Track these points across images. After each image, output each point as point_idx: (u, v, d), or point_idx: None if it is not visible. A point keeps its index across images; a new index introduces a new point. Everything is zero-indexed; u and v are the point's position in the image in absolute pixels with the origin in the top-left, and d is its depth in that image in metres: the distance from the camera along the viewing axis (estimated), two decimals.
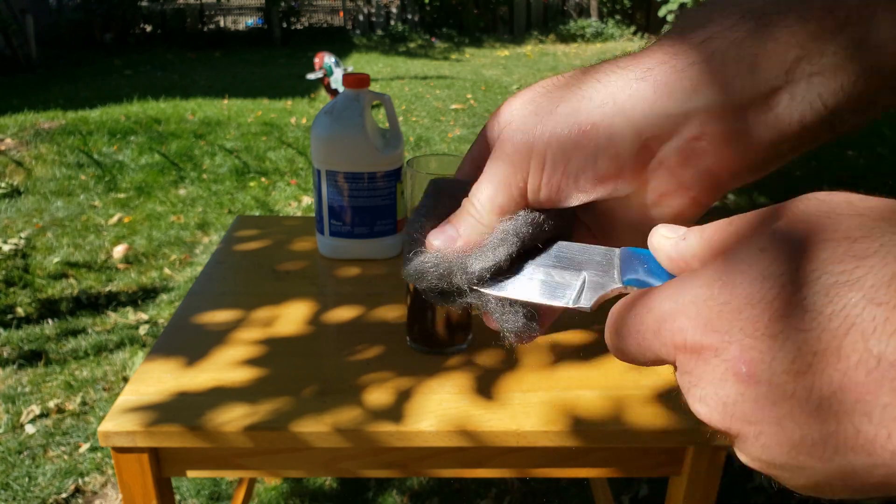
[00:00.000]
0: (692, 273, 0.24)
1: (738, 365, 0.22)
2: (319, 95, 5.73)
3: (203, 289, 0.94)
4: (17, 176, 3.56)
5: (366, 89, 0.97)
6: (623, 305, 0.27)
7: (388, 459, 0.71)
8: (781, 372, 0.21)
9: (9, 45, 6.91)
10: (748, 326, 0.22)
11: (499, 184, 0.32)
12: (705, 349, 0.23)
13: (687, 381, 0.24)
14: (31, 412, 1.77)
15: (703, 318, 0.23)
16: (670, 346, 0.24)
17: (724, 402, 0.22)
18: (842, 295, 0.20)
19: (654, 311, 0.25)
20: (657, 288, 0.26)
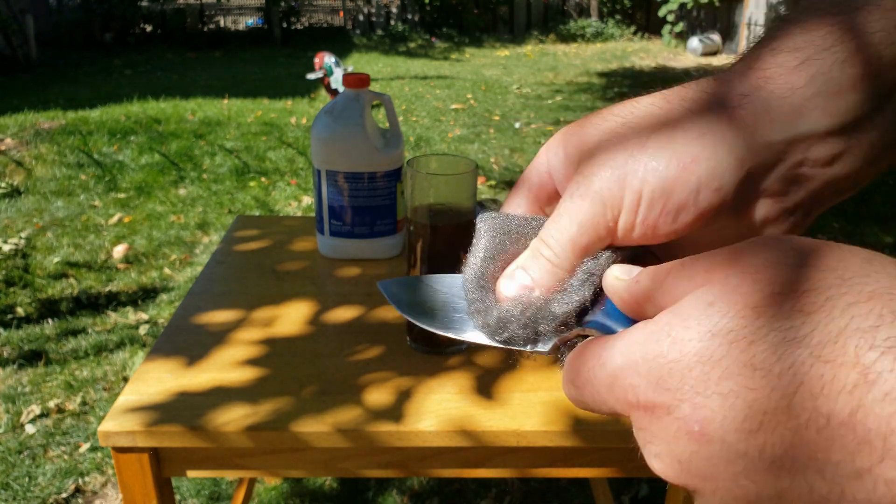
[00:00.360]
0: (643, 326, 0.24)
1: (691, 423, 0.22)
2: (319, 95, 5.73)
3: (203, 289, 0.94)
4: (17, 176, 3.56)
5: (366, 89, 0.97)
6: (577, 356, 0.27)
7: (388, 459, 0.71)
8: (733, 430, 0.21)
9: (9, 45, 6.91)
10: (699, 384, 0.21)
11: (583, 223, 0.29)
12: (658, 407, 0.23)
13: (642, 436, 0.24)
14: (32, 412, 1.77)
15: (654, 377, 0.23)
16: (623, 402, 0.24)
17: (678, 460, 0.23)
18: (789, 353, 0.20)
19: (606, 367, 0.25)
20: (609, 340, 0.25)
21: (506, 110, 5.30)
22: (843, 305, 0.20)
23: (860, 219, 3.06)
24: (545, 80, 6.86)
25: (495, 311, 0.30)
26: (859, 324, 0.19)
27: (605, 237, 0.29)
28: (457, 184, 0.72)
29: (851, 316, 0.20)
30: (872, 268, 0.21)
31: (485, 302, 0.31)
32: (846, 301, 0.20)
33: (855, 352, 0.19)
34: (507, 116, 5.08)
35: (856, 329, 0.19)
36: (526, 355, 0.31)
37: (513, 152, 4.12)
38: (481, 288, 0.31)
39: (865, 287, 0.20)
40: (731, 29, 8.60)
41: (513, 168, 3.81)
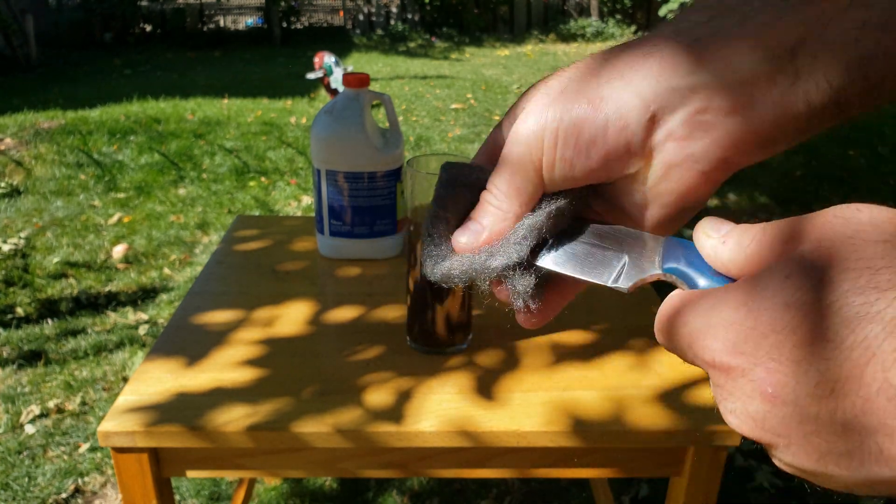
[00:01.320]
0: (725, 291, 0.26)
1: (765, 386, 0.23)
2: (319, 95, 5.72)
3: (203, 289, 0.94)
4: (16, 176, 3.56)
5: (366, 89, 0.97)
6: (667, 309, 0.29)
7: (388, 459, 0.71)
8: (805, 395, 0.22)
9: (9, 45, 6.91)
10: (773, 351, 0.23)
11: (513, 166, 0.32)
12: (733, 369, 0.24)
13: (718, 393, 0.25)
14: (31, 412, 1.77)
15: (731, 341, 0.24)
16: (701, 361, 0.26)
17: (752, 417, 0.24)
18: (863, 326, 0.21)
19: (688, 326, 0.26)
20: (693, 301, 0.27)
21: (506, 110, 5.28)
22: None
23: None
24: None
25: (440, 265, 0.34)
26: None
27: (535, 178, 0.32)
28: None
29: None
30: None
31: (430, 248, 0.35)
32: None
33: None
34: None
35: None
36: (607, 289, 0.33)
37: None
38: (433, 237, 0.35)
39: None
40: None
41: None
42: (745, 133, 0.30)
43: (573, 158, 0.31)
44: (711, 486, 0.74)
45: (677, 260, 0.30)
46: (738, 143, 0.30)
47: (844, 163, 3.90)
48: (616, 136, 0.30)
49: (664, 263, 0.31)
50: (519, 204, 0.33)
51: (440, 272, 0.34)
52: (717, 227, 0.29)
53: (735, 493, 1.53)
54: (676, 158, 0.31)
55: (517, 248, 0.33)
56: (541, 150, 0.32)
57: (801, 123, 0.30)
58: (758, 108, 0.29)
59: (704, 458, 0.72)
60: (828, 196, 3.29)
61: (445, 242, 0.34)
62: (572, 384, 0.75)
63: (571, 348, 0.82)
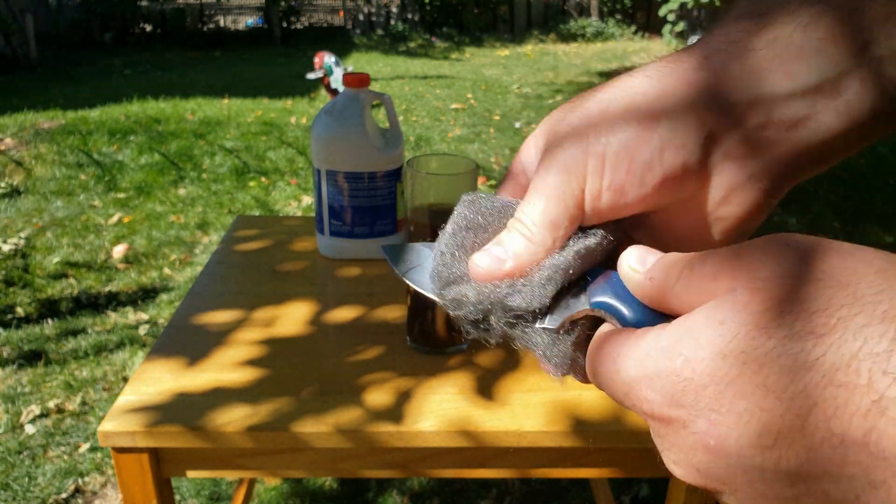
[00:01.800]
0: (656, 337, 0.24)
1: (707, 438, 0.22)
2: (319, 95, 5.72)
3: (203, 289, 0.94)
4: (16, 176, 3.56)
5: (366, 89, 0.97)
6: (594, 353, 0.27)
7: (388, 460, 0.71)
8: (748, 446, 0.21)
9: (8, 45, 6.91)
10: (713, 402, 0.22)
11: (550, 195, 0.29)
12: (674, 420, 0.23)
13: (660, 443, 0.25)
14: (31, 412, 1.77)
15: (669, 393, 0.23)
16: (639, 410, 0.25)
17: (696, 468, 0.23)
18: (801, 375, 0.20)
19: (621, 374, 0.25)
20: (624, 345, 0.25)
21: (506, 110, 5.30)
22: (856, 328, 0.20)
23: (861, 219, 3.06)
24: (545, 79, 6.86)
25: (454, 289, 0.30)
26: (872, 347, 0.19)
27: (574, 208, 0.29)
28: (457, 184, 0.72)
29: (864, 339, 0.19)
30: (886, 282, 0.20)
31: (450, 269, 0.31)
32: (858, 323, 0.20)
33: (868, 376, 0.19)
34: (508, 116, 5.08)
35: (868, 353, 0.19)
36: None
37: (513, 152, 4.11)
38: (451, 255, 0.31)
39: (879, 307, 0.20)
40: None
41: None
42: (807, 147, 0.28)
43: (624, 185, 0.28)
44: None
45: (604, 293, 0.28)
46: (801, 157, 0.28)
47: (844, 163, 3.89)
48: (673, 157, 0.28)
49: (591, 297, 0.28)
50: (553, 238, 0.29)
51: (452, 295, 0.30)
52: (642, 259, 0.27)
53: None
54: (737, 179, 0.29)
55: (541, 291, 0.29)
56: (583, 178, 0.28)
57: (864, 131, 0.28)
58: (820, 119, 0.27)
59: None
60: (828, 196, 3.29)
61: (459, 265, 0.31)
62: (572, 384, 0.75)
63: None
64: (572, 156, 0.29)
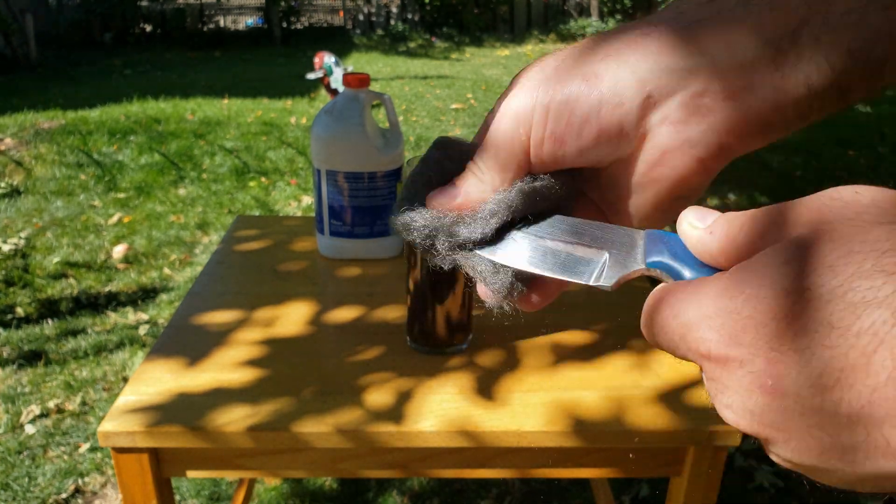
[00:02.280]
0: (717, 279, 0.24)
1: (764, 378, 0.22)
2: (319, 95, 5.72)
3: (203, 289, 0.94)
4: (16, 176, 3.56)
5: (366, 89, 0.97)
6: (652, 302, 0.27)
7: (388, 460, 0.71)
8: (808, 386, 0.21)
9: (8, 45, 6.91)
10: (773, 341, 0.21)
11: (499, 142, 0.31)
12: (731, 360, 0.23)
13: (713, 387, 0.24)
14: (31, 412, 1.77)
15: (728, 331, 0.23)
16: (695, 353, 0.24)
17: (751, 411, 0.22)
18: (869, 312, 0.19)
19: (679, 318, 0.25)
20: (683, 292, 0.25)
21: None
22: None
23: None
24: None
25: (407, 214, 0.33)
26: None
27: (520, 153, 0.31)
28: None
29: None
30: None
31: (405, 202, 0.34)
32: None
33: None
34: None
35: None
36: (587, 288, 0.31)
37: None
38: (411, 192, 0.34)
39: None
40: None
41: None
42: (744, 118, 0.29)
43: (564, 136, 0.30)
44: (711, 486, 0.74)
45: (661, 253, 0.29)
46: (737, 128, 0.29)
47: (844, 163, 3.90)
48: (610, 114, 0.29)
49: (648, 257, 0.29)
50: (501, 179, 0.32)
51: (403, 220, 0.33)
52: (701, 216, 0.27)
53: (735, 493, 1.53)
54: (672, 143, 0.30)
55: (483, 224, 0.32)
56: (529, 126, 0.31)
57: (802, 108, 0.29)
58: (758, 92, 0.28)
59: (704, 458, 0.72)
60: None
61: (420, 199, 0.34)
62: (572, 384, 0.75)
63: (571, 348, 0.82)
64: (522, 105, 0.31)
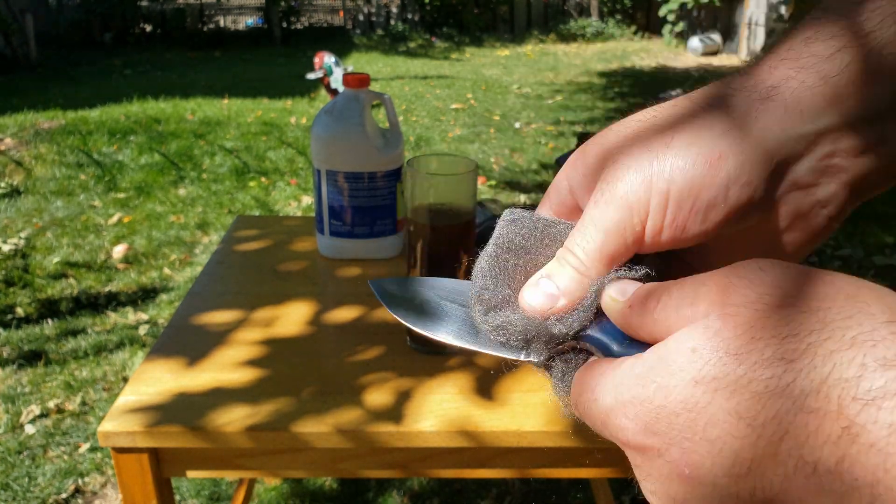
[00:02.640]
0: (634, 363, 0.24)
1: (681, 467, 0.22)
2: (319, 95, 5.72)
3: (203, 289, 0.94)
4: (16, 176, 3.56)
5: (366, 89, 0.97)
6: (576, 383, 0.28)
7: (388, 460, 0.71)
8: (723, 475, 0.21)
9: (8, 45, 6.91)
10: (686, 430, 0.22)
11: (609, 231, 0.28)
12: (648, 449, 0.23)
13: (638, 472, 0.25)
14: (31, 412, 1.77)
15: (642, 421, 0.23)
16: (616, 439, 0.25)
17: (673, 499, 0.23)
18: (773, 402, 0.20)
19: (598, 403, 0.25)
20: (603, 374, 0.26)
21: (506, 110, 5.30)
22: (825, 353, 0.20)
23: (860, 219, 3.05)
24: (545, 79, 6.86)
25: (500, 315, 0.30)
26: (841, 373, 0.19)
27: (633, 244, 0.28)
28: (457, 184, 0.72)
29: (833, 364, 0.19)
30: (856, 307, 0.20)
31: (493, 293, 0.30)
32: (828, 348, 0.20)
33: (838, 402, 0.19)
34: (508, 116, 5.08)
35: (838, 379, 0.19)
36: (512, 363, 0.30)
37: (513, 152, 4.11)
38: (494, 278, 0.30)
39: (847, 332, 0.20)
40: (731, 29, 8.60)
41: (513, 168, 3.81)
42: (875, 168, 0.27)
43: (686, 222, 0.27)
44: None
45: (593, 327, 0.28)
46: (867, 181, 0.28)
47: None
48: (738, 194, 0.27)
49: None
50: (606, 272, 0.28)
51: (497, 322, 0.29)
52: (622, 290, 0.27)
53: None
54: (804, 207, 0.28)
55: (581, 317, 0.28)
56: (645, 214, 0.27)
57: None
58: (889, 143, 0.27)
59: None
60: None
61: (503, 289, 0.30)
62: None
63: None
64: (634, 190, 0.27)
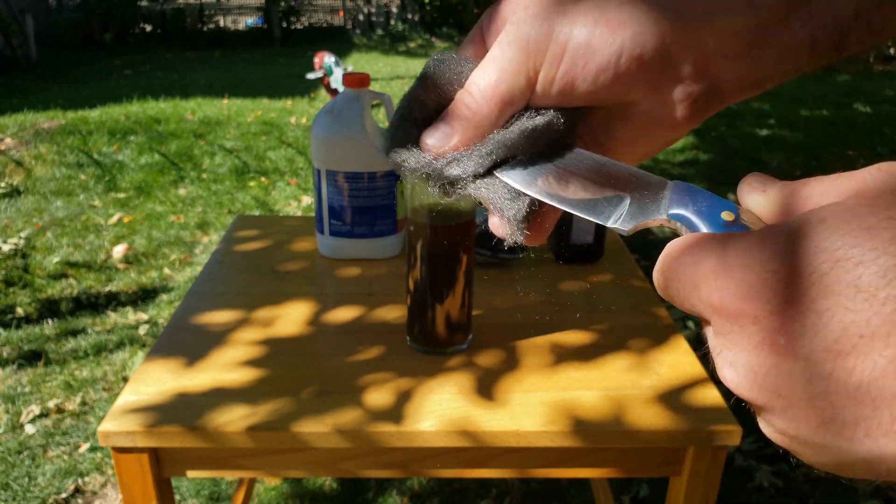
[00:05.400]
0: (746, 235, 0.23)
1: (777, 336, 0.20)
2: (319, 95, 5.72)
3: (203, 289, 0.94)
4: (16, 176, 3.56)
5: (366, 89, 0.97)
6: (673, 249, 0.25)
7: (388, 460, 0.71)
8: (822, 350, 0.19)
9: (8, 45, 6.91)
10: (794, 298, 0.20)
11: (505, 69, 0.29)
12: (744, 314, 0.21)
13: (719, 343, 0.23)
14: (31, 412, 1.77)
15: (747, 283, 0.21)
16: (707, 304, 0.23)
17: (755, 371, 0.21)
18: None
19: (698, 265, 0.23)
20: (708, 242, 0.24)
21: None
22: None
23: None
24: None
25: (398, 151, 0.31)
26: None
27: (526, 88, 0.29)
28: None
29: None
30: None
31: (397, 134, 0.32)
32: None
33: None
34: None
35: None
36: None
37: None
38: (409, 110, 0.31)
39: None
40: None
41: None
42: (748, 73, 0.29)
43: (578, 77, 0.29)
44: (711, 485, 0.74)
45: (685, 206, 0.28)
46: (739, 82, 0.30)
47: (844, 163, 3.89)
48: (629, 63, 0.28)
49: (670, 208, 0.28)
50: (499, 112, 0.30)
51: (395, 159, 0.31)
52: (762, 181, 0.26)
53: (735, 492, 1.53)
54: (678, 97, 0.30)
55: (477, 162, 0.30)
56: (542, 60, 0.29)
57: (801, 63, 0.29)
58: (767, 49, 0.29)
59: (704, 458, 0.72)
60: None
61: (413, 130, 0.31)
62: (572, 384, 0.75)
63: (571, 348, 0.82)
64: (536, 35, 0.28)
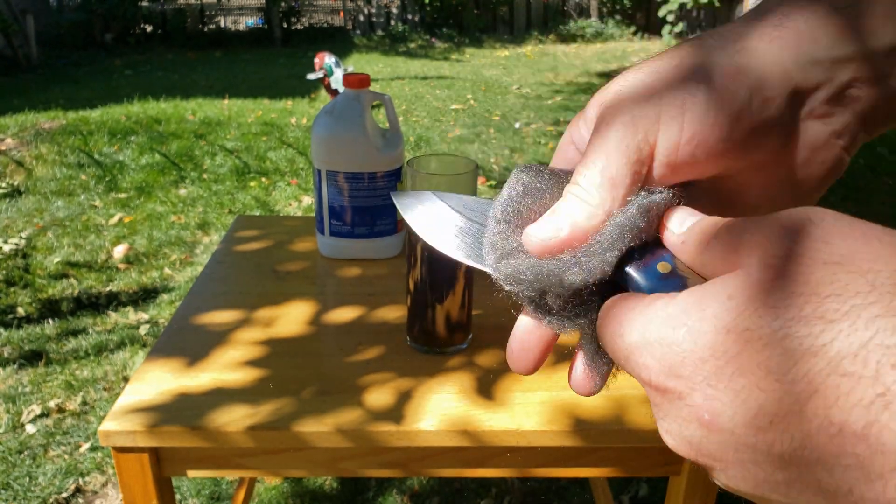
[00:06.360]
0: (666, 303, 0.23)
1: (701, 412, 0.22)
2: (319, 95, 5.73)
3: (203, 289, 0.94)
4: (17, 176, 3.56)
5: (366, 89, 0.97)
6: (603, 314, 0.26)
7: (388, 459, 0.71)
8: (742, 425, 0.21)
9: (9, 45, 6.92)
10: (711, 377, 0.21)
11: (611, 151, 0.26)
12: (670, 391, 0.23)
13: (655, 411, 0.25)
14: (32, 412, 1.77)
15: (668, 363, 0.23)
16: (637, 377, 0.25)
17: (688, 441, 0.23)
18: (805, 360, 0.20)
19: (624, 337, 0.25)
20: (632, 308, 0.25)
21: (506, 110, 5.30)
22: (869, 317, 0.19)
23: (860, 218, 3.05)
24: (545, 80, 6.86)
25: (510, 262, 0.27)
26: (883, 339, 0.19)
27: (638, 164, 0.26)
28: (457, 184, 0.72)
29: (876, 329, 0.19)
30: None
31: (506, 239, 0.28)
32: (872, 312, 0.19)
33: (876, 368, 0.18)
34: (507, 116, 5.08)
35: (879, 345, 0.19)
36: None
37: (513, 152, 4.11)
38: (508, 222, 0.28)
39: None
40: None
41: (513, 168, 3.80)
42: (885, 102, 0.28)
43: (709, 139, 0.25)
44: (711, 485, 0.74)
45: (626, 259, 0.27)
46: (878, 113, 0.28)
47: None
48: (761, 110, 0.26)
49: None
50: (612, 198, 0.26)
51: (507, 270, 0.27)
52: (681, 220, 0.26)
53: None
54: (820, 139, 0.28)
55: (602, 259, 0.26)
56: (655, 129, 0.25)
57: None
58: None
59: None
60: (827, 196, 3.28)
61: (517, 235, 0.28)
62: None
63: (571, 348, 0.82)
64: (640, 108, 0.26)
